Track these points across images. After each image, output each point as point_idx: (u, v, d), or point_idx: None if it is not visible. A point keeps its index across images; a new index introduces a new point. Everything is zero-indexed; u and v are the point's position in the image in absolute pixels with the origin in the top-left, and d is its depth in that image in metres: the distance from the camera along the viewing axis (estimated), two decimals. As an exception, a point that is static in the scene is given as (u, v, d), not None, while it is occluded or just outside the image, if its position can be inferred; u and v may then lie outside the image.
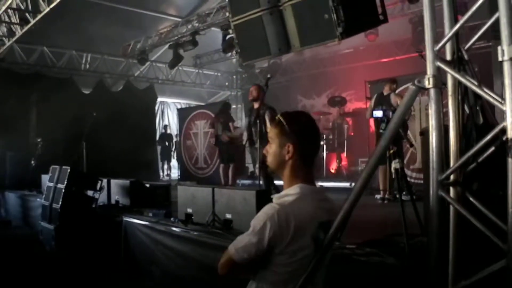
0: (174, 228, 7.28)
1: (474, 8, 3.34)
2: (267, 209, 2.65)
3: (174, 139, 20.73)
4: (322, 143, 15.06)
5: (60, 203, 8.75)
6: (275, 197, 2.79)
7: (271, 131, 2.83)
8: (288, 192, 2.74)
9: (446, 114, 3.52)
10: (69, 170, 8.97)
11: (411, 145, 10.08)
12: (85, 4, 14.10)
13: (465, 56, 3.59)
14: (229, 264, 2.67)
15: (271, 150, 2.81)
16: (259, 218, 2.61)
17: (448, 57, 3.59)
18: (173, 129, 21.88)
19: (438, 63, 3.48)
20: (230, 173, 13.11)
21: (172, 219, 7.72)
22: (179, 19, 16.16)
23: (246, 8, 5.65)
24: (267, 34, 5.48)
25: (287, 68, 19.31)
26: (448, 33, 3.51)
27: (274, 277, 2.68)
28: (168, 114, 22.95)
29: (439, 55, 3.53)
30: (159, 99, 20.14)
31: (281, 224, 2.56)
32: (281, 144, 2.76)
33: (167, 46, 16.86)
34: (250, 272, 2.75)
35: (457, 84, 3.51)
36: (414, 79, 3.51)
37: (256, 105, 9.42)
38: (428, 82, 3.45)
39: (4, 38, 13.52)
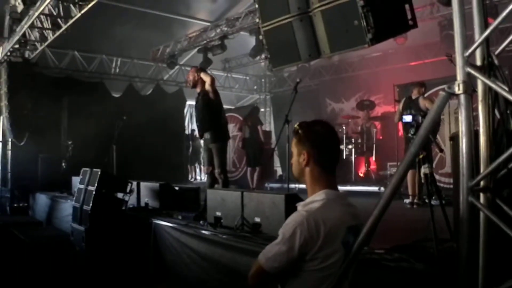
0: (203, 231, 7.31)
1: (505, 13, 3.31)
2: (295, 216, 2.69)
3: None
4: (350, 147, 15.02)
5: (91, 205, 8.85)
6: (300, 205, 2.83)
7: (292, 142, 2.92)
8: (314, 198, 2.78)
9: (475, 118, 3.50)
10: (99, 173, 9.07)
11: (441, 151, 10.01)
12: (115, 9, 14.24)
13: (496, 61, 3.56)
14: (259, 274, 2.71)
15: (293, 159, 2.91)
16: (288, 226, 2.64)
17: (478, 62, 3.56)
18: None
19: (468, 69, 3.46)
20: (255, 176, 13.12)
21: (201, 222, 7.76)
22: (208, 24, 16.24)
23: (276, 14, 5.68)
24: (297, 40, 5.50)
25: (316, 72, 19.27)
26: (478, 38, 3.48)
27: (304, 284, 2.69)
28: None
29: (469, 60, 3.51)
30: (188, 103, 20.19)
31: (311, 230, 2.59)
32: (298, 152, 2.86)
33: (196, 50, 16.95)
34: (280, 280, 2.77)
35: (488, 89, 3.48)
36: (443, 82, 3.52)
37: (197, 90, 9.10)
38: (458, 88, 3.43)
39: (36, 43, 13.71)
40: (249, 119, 13.85)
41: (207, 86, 8.50)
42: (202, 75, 8.63)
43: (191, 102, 21.25)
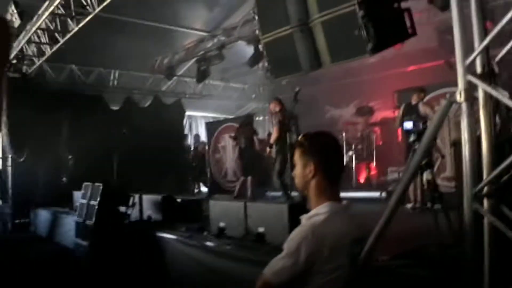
0: (207, 243, 7.32)
1: (504, 21, 3.34)
2: (299, 230, 2.69)
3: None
4: (350, 153, 15.05)
5: (94, 219, 8.86)
6: (304, 218, 2.81)
7: (295, 153, 2.91)
8: (318, 211, 2.77)
9: (476, 122, 3.53)
10: (101, 187, 9.08)
11: (443, 157, 10.02)
12: (112, 22, 14.23)
13: (496, 69, 3.59)
14: None
15: (297, 171, 2.89)
16: (292, 241, 2.64)
17: (479, 70, 3.59)
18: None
19: (469, 77, 3.48)
20: (248, 185, 13.07)
21: (205, 233, 7.77)
22: (206, 34, 16.26)
23: (276, 26, 5.73)
24: (298, 51, 5.54)
25: (314, 79, 19.25)
26: (478, 46, 3.51)
27: None
28: (196, 128, 22.94)
29: (469, 68, 3.54)
30: (187, 113, 20.21)
31: (316, 244, 2.59)
32: (303, 164, 2.84)
33: (194, 60, 16.95)
34: None
35: (489, 96, 3.50)
36: (442, 87, 3.54)
37: None
38: (460, 96, 3.45)
39: (34, 58, 13.73)
40: (243, 129, 13.81)
41: None
42: None
43: (190, 113, 21.34)
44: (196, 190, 19.60)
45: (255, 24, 12.11)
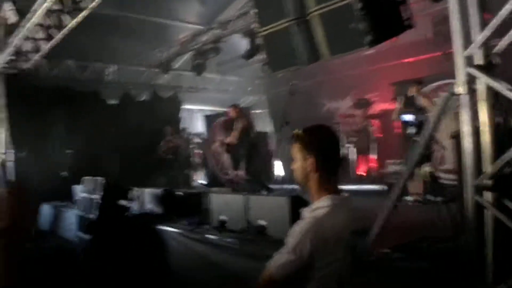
0: (208, 236, 7.36)
1: (505, 11, 3.35)
2: (302, 224, 2.71)
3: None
4: (349, 146, 15.07)
5: (96, 213, 8.90)
6: (306, 211, 2.84)
7: (293, 148, 2.93)
8: (319, 204, 2.80)
9: (475, 113, 3.55)
10: (103, 181, 9.11)
11: (443, 149, 10.08)
12: (107, 17, 14.19)
13: (495, 60, 3.60)
14: (269, 283, 2.70)
15: (296, 165, 2.92)
16: (295, 235, 2.67)
17: (478, 61, 3.60)
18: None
19: (469, 69, 3.50)
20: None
21: (206, 226, 7.80)
22: (201, 27, 16.24)
23: (274, 19, 5.74)
24: (296, 44, 5.57)
25: (310, 73, 19.19)
26: (477, 37, 3.52)
27: None
28: (192, 121, 22.88)
29: (468, 59, 3.55)
30: (184, 107, 20.21)
31: (319, 237, 2.63)
32: (303, 158, 2.87)
33: (189, 53, 16.94)
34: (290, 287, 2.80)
35: (488, 88, 3.52)
36: (439, 78, 3.55)
37: None
38: (460, 89, 3.47)
39: (30, 54, 13.70)
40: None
41: None
42: None
43: (186, 106, 21.32)
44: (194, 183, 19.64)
45: (251, 17, 12.15)
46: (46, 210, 13.38)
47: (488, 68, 3.57)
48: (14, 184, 12.81)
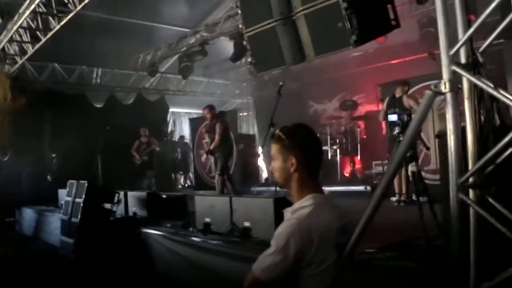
0: (193, 238, 7.32)
1: (488, 11, 3.34)
2: (286, 225, 2.66)
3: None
4: (335, 147, 15.10)
5: (79, 217, 8.83)
6: (288, 211, 2.82)
7: (273, 148, 2.88)
8: (302, 204, 2.76)
9: (461, 113, 3.53)
10: (86, 185, 9.05)
11: (428, 149, 10.10)
12: (93, 19, 14.14)
13: (480, 59, 3.59)
14: (254, 285, 2.66)
15: (276, 165, 2.87)
16: (280, 236, 2.62)
17: (463, 60, 3.59)
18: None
19: (454, 67, 3.48)
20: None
21: (190, 229, 7.76)
22: (188, 30, 16.21)
23: (259, 19, 5.69)
24: (281, 44, 5.53)
25: (297, 74, 19.24)
26: (462, 36, 3.51)
27: None
28: (180, 124, 22.85)
29: (454, 58, 3.54)
30: (171, 110, 20.19)
31: (304, 238, 2.58)
32: (284, 158, 2.82)
33: (176, 57, 16.91)
34: None
35: (473, 86, 3.50)
36: (425, 80, 3.54)
37: None
38: (445, 87, 3.45)
39: (16, 57, 13.63)
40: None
41: None
42: None
43: (173, 109, 21.30)
44: (181, 186, 19.60)
45: (237, 20, 12.15)
46: (29, 215, 13.29)
47: (473, 67, 3.55)
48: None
